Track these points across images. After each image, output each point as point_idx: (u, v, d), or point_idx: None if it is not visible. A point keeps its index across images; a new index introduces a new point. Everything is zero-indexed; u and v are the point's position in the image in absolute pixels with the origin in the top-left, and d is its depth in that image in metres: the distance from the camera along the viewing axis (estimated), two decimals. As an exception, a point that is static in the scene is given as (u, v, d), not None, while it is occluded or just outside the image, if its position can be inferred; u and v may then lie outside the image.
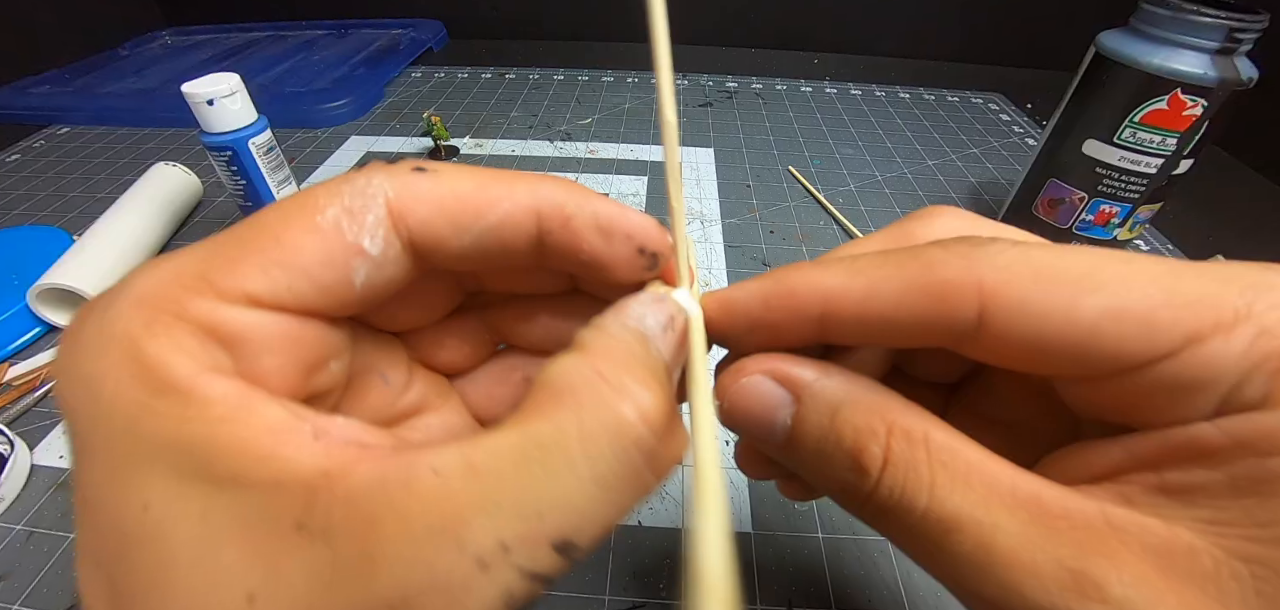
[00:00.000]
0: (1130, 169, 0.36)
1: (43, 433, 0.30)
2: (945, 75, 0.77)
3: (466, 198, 0.11)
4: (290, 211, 0.10)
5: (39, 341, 0.36)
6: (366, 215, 0.11)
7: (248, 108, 0.37)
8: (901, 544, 0.11)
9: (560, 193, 0.12)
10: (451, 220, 0.11)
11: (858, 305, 0.11)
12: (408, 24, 0.85)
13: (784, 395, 0.12)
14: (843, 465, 0.11)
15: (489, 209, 0.11)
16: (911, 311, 0.11)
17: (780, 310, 0.12)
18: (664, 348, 0.11)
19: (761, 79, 0.74)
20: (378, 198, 0.11)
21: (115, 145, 0.58)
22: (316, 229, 0.10)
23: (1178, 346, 0.09)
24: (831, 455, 0.11)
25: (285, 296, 0.10)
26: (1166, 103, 0.34)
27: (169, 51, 0.81)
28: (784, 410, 0.12)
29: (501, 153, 0.57)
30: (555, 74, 0.75)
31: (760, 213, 0.48)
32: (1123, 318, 0.10)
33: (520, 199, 0.12)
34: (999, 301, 0.10)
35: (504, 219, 0.11)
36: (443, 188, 0.11)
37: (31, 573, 0.25)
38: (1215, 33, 0.32)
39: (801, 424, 0.12)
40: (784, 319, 0.12)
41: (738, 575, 0.09)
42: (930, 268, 0.11)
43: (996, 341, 0.11)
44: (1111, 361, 0.10)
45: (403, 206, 0.11)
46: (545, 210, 0.12)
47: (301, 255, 0.10)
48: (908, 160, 0.57)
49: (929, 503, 0.10)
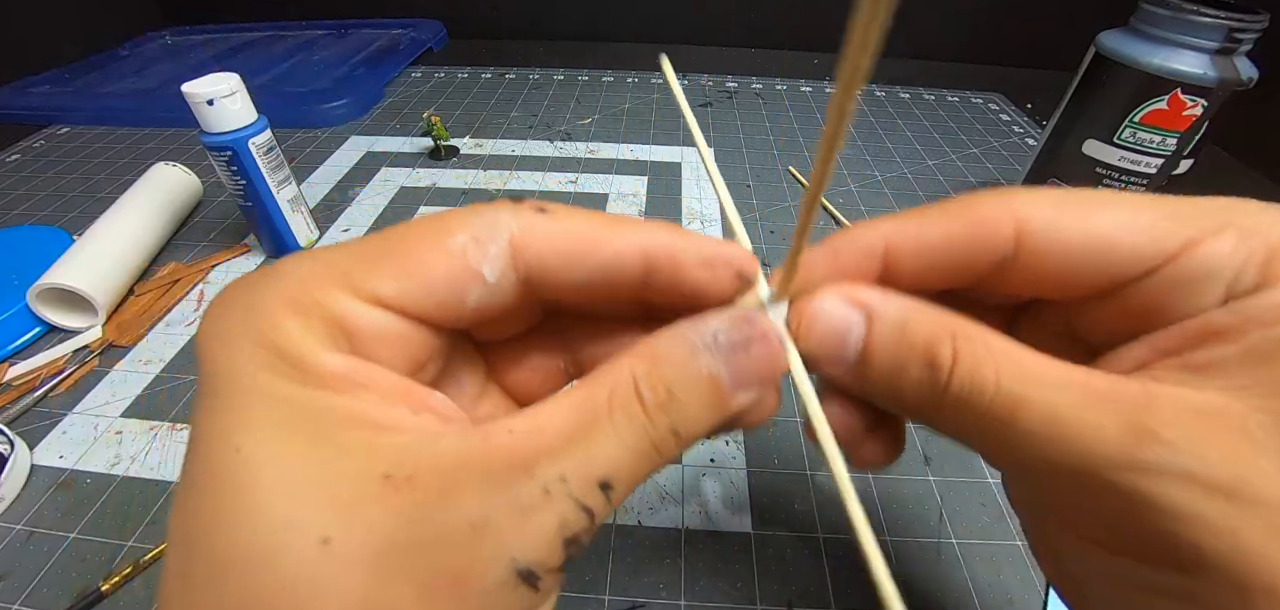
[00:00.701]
0: (1130, 169, 0.36)
1: (43, 433, 0.30)
2: (945, 75, 0.77)
3: (580, 238, 0.13)
4: (428, 230, 0.12)
5: (39, 341, 0.36)
6: (491, 246, 0.12)
7: (248, 108, 0.37)
8: (968, 433, 0.13)
9: (665, 234, 0.13)
10: (565, 258, 0.13)
11: (915, 243, 0.14)
12: (408, 24, 0.85)
13: (857, 315, 0.13)
14: (917, 366, 0.12)
15: (599, 248, 0.13)
16: (960, 243, 0.13)
17: (847, 258, 0.14)
18: (723, 362, 0.12)
19: (761, 79, 0.74)
20: (503, 233, 0.12)
21: (115, 145, 0.58)
22: (446, 251, 0.12)
23: (1179, 249, 0.12)
24: (906, 360, 0.13)
25: (407, 302, 0.12)
26: (1166, 103, 0.34)
27: (169, 51, 0.81)
28: (857, 329, 0.13)
29: (501, 153, 0.57)
30: (555, 74, 0.75)
31: (760, 212, 0.48)
32: (1132, 228, 0.12)
33: (630, 241, 0.13)
34: (1031, 225, 0.13)
35: (613, 259, 0.13)
36: (558, 227, 0.13)
37: (31, 573, 0.25)
38: (1215, 33, 0.32)
39: (874, 338, 0.13)
40: (849, 266, 0.14)
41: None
42: (972, 206, 0.13)
43: (1030, 262, 0.13)
44: (1128, 266, 0.12)
45: (524, 242, 0.12)
46: (652, 250, 0.13)
47: (428, 270, 0.12)
48: (908, 160, 0.57)
49: (997, 386, 0.11)
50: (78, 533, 0.26)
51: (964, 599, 0.24)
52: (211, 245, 0.44)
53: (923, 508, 0.27)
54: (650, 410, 0.11)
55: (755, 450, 0.29)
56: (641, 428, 0.11)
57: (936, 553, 0.25)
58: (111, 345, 0.35)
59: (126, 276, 0.39)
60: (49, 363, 0.34)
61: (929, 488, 0.28)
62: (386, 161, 0.55)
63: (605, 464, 0.11)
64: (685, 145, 0.58)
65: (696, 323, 0.13)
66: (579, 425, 0.11)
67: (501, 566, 0.10)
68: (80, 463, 0.29)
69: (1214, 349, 0.11)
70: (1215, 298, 0.12)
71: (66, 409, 0.31)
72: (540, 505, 0.10)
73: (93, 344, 0.35)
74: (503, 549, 0.10)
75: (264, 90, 0.63)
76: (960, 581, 0.24)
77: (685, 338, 0.12)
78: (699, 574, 0.25)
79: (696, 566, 0.25)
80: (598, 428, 0.11)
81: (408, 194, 0.50)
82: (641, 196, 0.50)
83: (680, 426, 0.12)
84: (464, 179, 0.53)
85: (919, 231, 0.14)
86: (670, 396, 0.12)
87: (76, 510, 0.27)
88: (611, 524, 0.26)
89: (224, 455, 0.10)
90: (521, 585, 0.10)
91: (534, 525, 0.10)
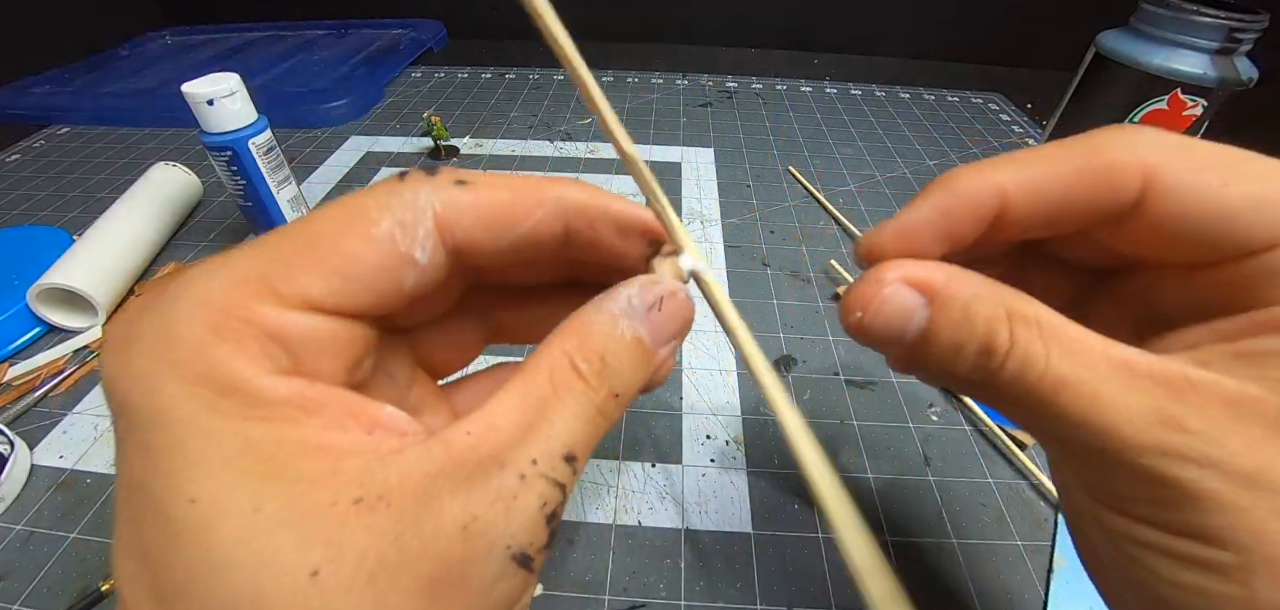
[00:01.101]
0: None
1: (43, 433, 0.30)
2: (945, 75, 0.77)
3: (504, 207, 0.13)
4: (344, 220, 0.11)
5: (39, 341, 0.36)
6: (418, 228, 0.12)
7: (248, 108, 0.37)
8: (1010, 406, 0.13)
9: (583, 196, 0.14)
10: (490, 229, 0.13)
11: (1034, 191, 0.13)
12: (408, 24, 0.85)
13: (918, 299, 0.13)
14: (975, 350, 0.13)
15: (524, 217, 0.13)
16: (1082, 191, 0.13)
17: (960, 213, 0.14)
18: (642, 323, 0.13)
19: (761, 79, 0.74)
20: (427, 211, 0.12)
21: (115, 145, 0.58)
22: (372, 240, 0.11)
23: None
24: (965, 344, 0.13)
25: (343, 301, 0.11)
26: (1166, 103, 0.34)
27: (169, 51, 0.81)
28: (919, 313, 0.13)
29: (501, 152, 0.57)
30: (555, 74, 0.75)
31: (760, 212, 0.48)
32: (1264, 204, 0.11)
33: (550, 206, 0.13)
34: (1160, 178, 0.12)
35: (537, 226, 0.13)
36: (482, 199, 0.13)
37: (31, 573, 0.25)
38: (1215, 33, 0.32)
39: (937, 322, 0.13)
40: (962, 223, 0.14)
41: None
42: (1099, 151, 0.13)
43: (1151, 220, 0.12)
44: (1243, 244, 0.12)
45: (449, 218, 0.12)
46: (572, 215, 0.13)
47: (358, 263, 0.11)
48: (908, 160, 0.57)
49: (1045, 369, 0.12)
50: (78, 533, 0.26)
51: (964, 599, 0.24)
52: (211, 245, 0.44)
53: (923, 508, 0.27)
54: (589, 380, 0.12)
55: (755, 450, 0.29)
56: (585, 397, 0.12)
57: (936, 553, 0.25)
58: (111, 345, 0.35)
59: (126, 276, 0.39)
60: (49, 363, 0.34)
61: (929, 488, 0.28)
62: (386, 161, 0.55)
63: (565, 438, 0.11)
64: (685, 145, 0.58)
65: (611, 294, 0.13)
66: (531, 412, 0.11)
67: (498, 557, 0.10)
68: (80, 463, 0.29)
69: (1268, 340, 0.11)
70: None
71: (66, 409, 0.31)
72: (519, 491, 0.11)
73: (93, 344, 0.35)
74: (496, 540, 0.10)
75: (264, 90, 0.63)
76: (960, 581, 0.24)
77: (605, 309, 0.13)
78: (699, 574, 0.25)
79: (696, 566, 0.25)
80: (548, 408, 0.11)
81: (408, 194, 0.50)
82: (641, 196, 0.50)
83: (618, 388, 0.12)
84: (464, 179, 0.52)
85: (1041, 180, 0.13)
86: (604, 363, 0.12)
87: (76, 510, 0.27)
88: (611, 525, 0.26)
89: (178, 508, 0.09)
90: (519, 569, 0.11)
91: (518, 510, 0.11)
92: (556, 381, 0.12)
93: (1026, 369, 0.12)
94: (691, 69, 0.76)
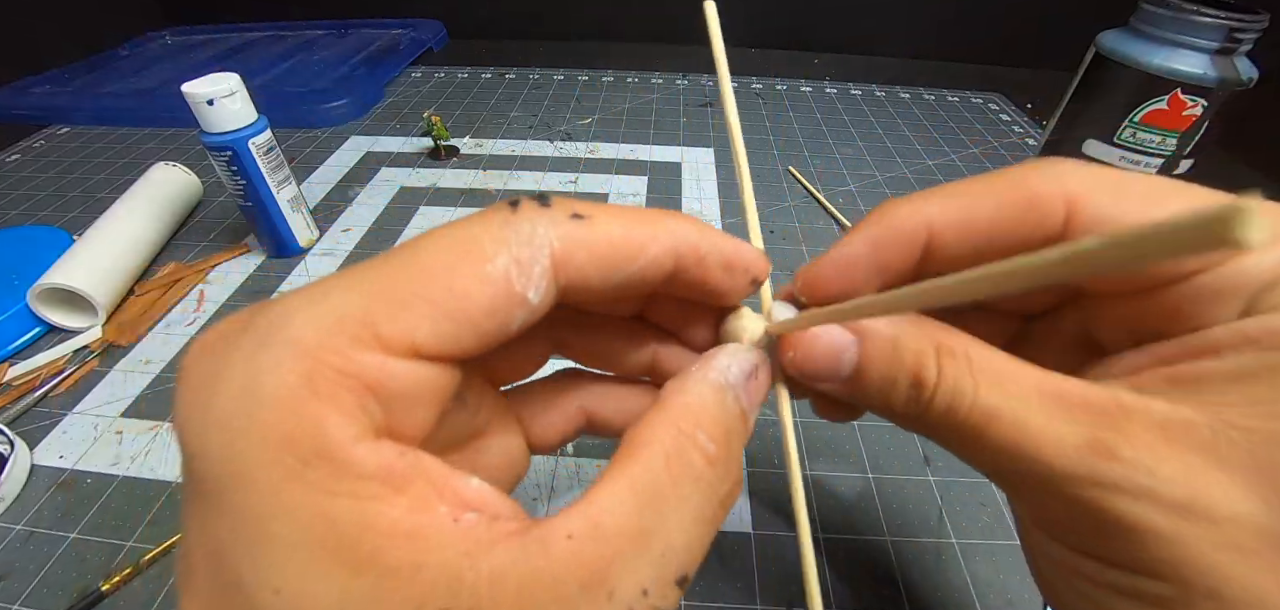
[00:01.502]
0: (1130, 169, 0.36)
1: (43, 433, 0.30)
2: (945, 75, 0.77)
3: (618, 244, 0.12)
4: (456, 253, 0.10)
5: (39, 341, 0.36)
6: (534, 266, 0.11)
7: (248, 108, 0.37)
8: (948, 441, 0.13)
9: (693, 233, 0.13)
10: (603, 267, 0.12)
11: (960, 223, 0.13)
12: (408, 24, 0.85)
13: (849, 338, 0.13)
14: (905, 385, 0.13)
15: (638, 253, 0.12)
16: (1007, 222, 0.13)
17: (890, 245, 0.14)
18: (742, 394, 0.13)
19: (761, 79, 0.74)
20: (544, 248, 0.11)
21: (115, 145, 0.58)
22: (486, 278, 0.10)
23: (1221, 258, 0.11)
24: (895, 379, 0.13)
25: (449, 346, 0.10)
26: (1166, 103, 0.34)
27: (169, 51, 0.81)
28: (849, 351, 0.13)
29: (501, 153, 0.57)
30: (555, 74, 0.75)
31: (760, 213, 0.48)
32: None
33: (663, 242, 0.12)
34: (1084, 208, 0.12)
35: (650, 263, 0.12)
36: (599, 235, 0.12)
37: (31, 573, 0.25)
38: (1215, 33, 0.32)
39: (868, 357, 0.13)
40: (892, 255, 0.14)
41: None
42: (1021, 182, 0.13)
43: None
44: (1171, 269, 0.12)
45: (565, 255, 0.11)
46: (682, 251, 0.13)
47: (469, 304, 0.10)
48: (908, 160, 0.57)
49: (973, 401, 0.12)
50: (78, 533, 0.26)
51: (964, 599, 0.24)
52: (211, 245, 0.44)
53: (923, 508, 0.27)
54: (717, 464, 0.11)
55: (755, 450, 0.29)
56: (709, 487, 0.11)
57: (936, 553, 0.25)
58: (111, 345, 0.35)
59: (126, 276, 0.39)
60: (49, 363, 0.34)
61: (929, 488, 0.28)
62: (386, 161, 0.55)
63: (681, 552, 0.10)
64: (685, 145, 0.58)
65: (708, 364, 0.13)
66: (644, 510, 0.10)
67: None
68: (80, 463, 0.29)
69: (1204, 363, 0.11)
70: (1233, 313, 0.11)
71: (66, 409, 0.31)
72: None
73: (93, 344, 0.35)
74: None
75: (264, 90, 0.63)
76: (960, 581, 0.24)
77: (711, 382, 0.12)
78: (699, 574, 0.25)
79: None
80: (664, 504, 0.10)
81: (408, 194, 0.50)
82: (641, 196, 0.50)
83: (739, 475, 0.12)
84: (464, 179, 0.52)
85: (966, 212, 0.13)
86: (730, 444, 0.12)
87: (76, 510, 0.27)
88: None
89: (262, 597, 0.09)
90: None
91: None
92: (675, 471, 0.11)
93: (956, 402, 0.12)
94: (691, 69, 0.76)
